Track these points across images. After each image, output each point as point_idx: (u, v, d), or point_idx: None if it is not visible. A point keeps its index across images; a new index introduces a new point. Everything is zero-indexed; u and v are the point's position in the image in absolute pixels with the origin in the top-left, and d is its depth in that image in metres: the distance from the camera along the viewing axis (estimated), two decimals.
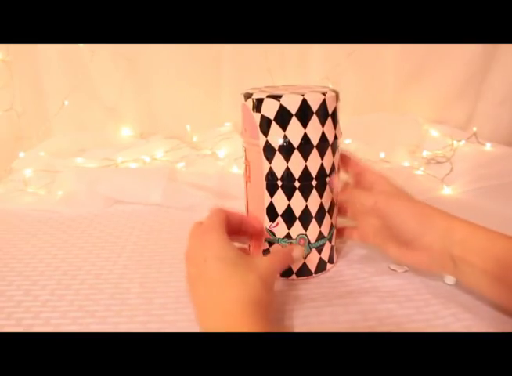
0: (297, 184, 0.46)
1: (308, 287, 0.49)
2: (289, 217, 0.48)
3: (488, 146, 0.86)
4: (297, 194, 0.47)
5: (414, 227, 0.45)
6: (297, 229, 0.48)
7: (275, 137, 0.45)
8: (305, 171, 0.46)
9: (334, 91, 0.47)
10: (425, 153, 0.85)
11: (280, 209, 0.47)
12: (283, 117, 0.44)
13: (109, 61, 0.88)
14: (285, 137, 0.45)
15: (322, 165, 0.46)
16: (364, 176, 0.51)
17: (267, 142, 0.45)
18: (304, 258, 0.49)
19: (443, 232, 0.44)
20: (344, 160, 0.51)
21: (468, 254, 0.42)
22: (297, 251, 0.47)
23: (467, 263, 0.42)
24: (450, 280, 0.47)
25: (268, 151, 0.46)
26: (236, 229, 0.47)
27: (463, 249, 0.42)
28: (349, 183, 0.53)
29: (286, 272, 0.50)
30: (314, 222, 0.48)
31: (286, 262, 0.47)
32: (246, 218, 0.50)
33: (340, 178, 0.50)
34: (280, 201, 0.47)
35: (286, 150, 0.45)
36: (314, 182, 0.47)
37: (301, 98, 0.44)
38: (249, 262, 0.41)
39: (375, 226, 0.50)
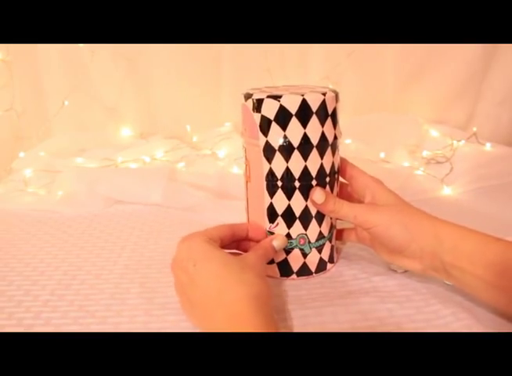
0: (296, 184, 0.46)
1: (308, 287, 0.49)
2: (289, 217, 0.48)
3: (488, 146, 0.86)
4: (297, 194, 0.47)
5: (399, 236, 0.44)
6: (297, 228, 0.48)
7: (275, 137, 0.45)
8: (305, 171, 0.46)
9: (334, 91, 0.47)
10: (425, 153, 0.85)
11: (280, 209, 0.47)
12: (282, 117, 0.44)
13: (110, 61, 0.88)
14: (285, 137, 0.45)
15: (322, 165, 0.46)
16: (357, 180, 0.50)
17: (267, 142, 0.45)
18: (287, 247, 0.49)
19: (432, 239, 0.43)
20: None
21: (459, 261, 0.41)
22: (278, 240, 0.47)
23: (459, 270, 0.41)
24: None
25: (268, 151, 0.46)
26: (244, 237, 0.48)
27: (454, 256, 0.42)
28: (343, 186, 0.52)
29: (287, 272, 0.50)
30: (314, 222, 0.48)
31: (270, 254, 0.47)
32: (250, 225, 0.50)
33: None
34: (280, 201, 0.47)
35: (286, 150, 0.45)
36: (314, 182, 0.47)
37: (301, 98, 0.44)
38: (239, 260, 0.41)
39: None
